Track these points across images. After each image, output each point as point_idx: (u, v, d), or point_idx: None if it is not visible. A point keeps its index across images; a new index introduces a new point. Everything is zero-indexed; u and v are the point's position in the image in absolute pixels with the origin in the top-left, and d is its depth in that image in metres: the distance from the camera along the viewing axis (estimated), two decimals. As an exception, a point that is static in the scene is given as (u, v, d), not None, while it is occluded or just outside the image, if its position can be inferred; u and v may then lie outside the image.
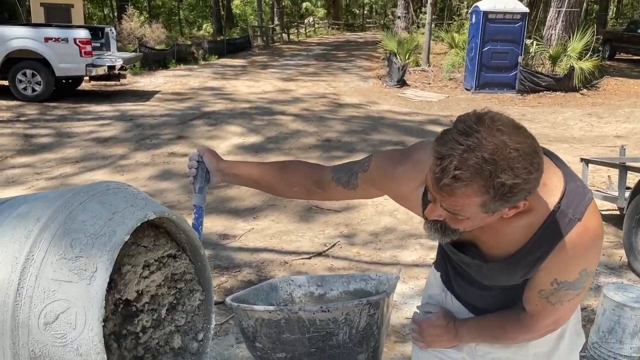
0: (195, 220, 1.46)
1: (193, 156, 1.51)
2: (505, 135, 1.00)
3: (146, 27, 19.04)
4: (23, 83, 9.87)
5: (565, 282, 1.20)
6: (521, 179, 1.00)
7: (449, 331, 1.44)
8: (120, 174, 6.03)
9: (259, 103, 10.41)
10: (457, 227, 1.14)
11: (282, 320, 1.75)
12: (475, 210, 1.06)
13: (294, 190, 1.53)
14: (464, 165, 0.99)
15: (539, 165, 1.03)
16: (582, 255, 1.18)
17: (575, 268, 1.19)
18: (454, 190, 1.02)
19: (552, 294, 1.22)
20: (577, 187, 1.18)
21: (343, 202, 5.27)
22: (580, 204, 1.16)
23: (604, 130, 9.02)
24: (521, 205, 1.09)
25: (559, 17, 14.00)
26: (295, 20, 34.65)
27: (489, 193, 1.02)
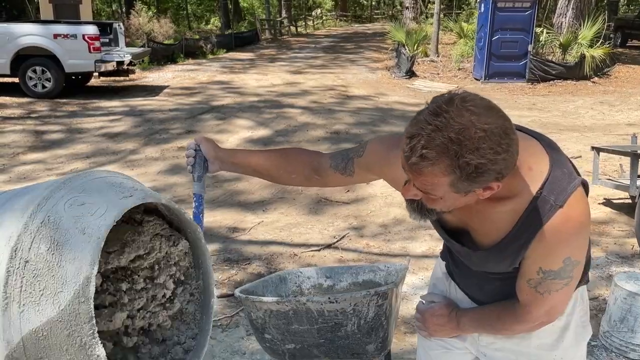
0: (196, 208, 1.47)
1: (190, 145, 1.52)
2: (474, 115, 1.01)
3: (154, 22, 19.08)
4: (33, 80, 9.95)
5: (550, 271, 1.19)
6: (486, 159, 1.00)
7: (450, 321, 1.44)
8: (130, 169, 6.07)
9: (267, 96, 10.41)
10: (433, 206, 1.15)
11: (291, 312, 1.76)
12: (445, 189, 1.07)
13: (293, 177, 1.54)
14: (430, 144, 1.00)
15: (508, 147, 1.02)
16: (564, 243, 1.16)
17: (558, 256, 1.17)
18: (421, 169, 1.04)
19: (539, 284, 1.21)
20: (563, 174, 1.16)
21: (352, 194, 5.26)
22: (563, 191, 1.14)
23: (616, 119, 8.92)
24: (494, 186, 1.07)
25: (570, 4, 13.83)
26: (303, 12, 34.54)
27: (455, 173, 1.02)
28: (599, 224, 4.52)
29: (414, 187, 1.11)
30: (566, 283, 1.21)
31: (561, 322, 1.38)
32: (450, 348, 1.52)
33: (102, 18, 25.70)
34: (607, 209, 4.85)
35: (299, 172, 1.53)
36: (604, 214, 4.76)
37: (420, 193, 1.12)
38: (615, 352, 2.75)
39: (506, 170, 1.05)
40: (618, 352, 2.74)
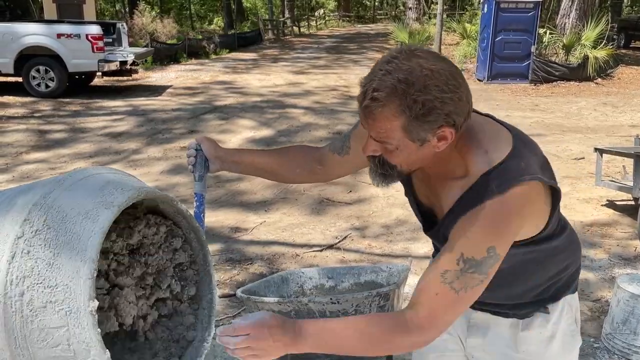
0: (197, 208, 1.48)
1: (191, 145, 1.52)
2: (422, 59, 1.06)
3: (157, 22, 19.11)
4: (37, 79, 9.97)
5: (471, 260, 1.11)
6: (433, 96, 1.04)
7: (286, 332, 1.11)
8: (133, 169, 6.08)
9: (270, 96, 10.42)
10: (392, 161, 1.15)
11: (292, 312, 1.76)
12: (400, 135, 1.09)
13: (297, 172, 1.54)
14: (381, 86, 1.05)
15: (455, 88, 1.06)
16: (490, 229, 1.11)
17: (483, 242, 1.11)
18: (374, 112, 1.07)
19: (457, 278, 1.11)
20: (518, 167, 1.13)
21: (354, 194, 5.26)
22: (509, 180, 1.11)
23: (619, 120, 8.90)
24: (447, 133, 1.09)
25: (573, 5, 13.80)
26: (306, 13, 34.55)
27: (405, 113, 1.05)
28: (602, 226, 4.51)
29: (371, 140, 1.14)
30: (482, 280, 1.13)
31: (547, 332, 1.36)
32: (443, 350, 1.50)
33: (106, 18, 25.74)
34: (610, 211, 4.84)
35: (302, 166, 1.53)
36: (607, 215, 4.75)
37: (378, 146, 1.14)
38: (618, 354, 2.74)
39: (456, 116, 1.07)
40: (620, 354, 2.73)
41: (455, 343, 1.48)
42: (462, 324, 1.45)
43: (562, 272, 1.35)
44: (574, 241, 1.39)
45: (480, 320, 1.42)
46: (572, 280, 1.39)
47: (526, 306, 1.36)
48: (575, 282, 1.40)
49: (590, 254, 3.99)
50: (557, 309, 1.36)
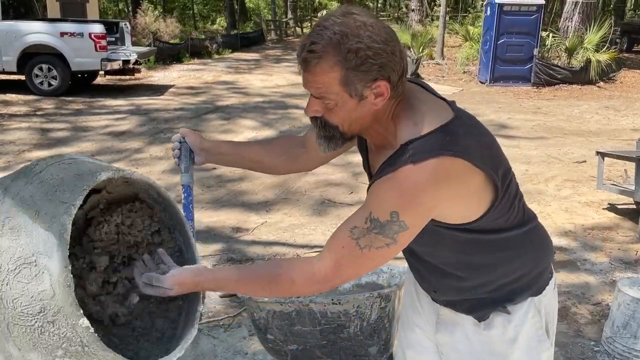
0: (185, 199, 1.49)
1: (175, 138, 1.54)
2: (355, 15, 1.12)
3: (160, 22, 19.12)
4: (39, 78, 9.98)
5: (376, 221, 1.13)
6: (365, 45, 1.08)
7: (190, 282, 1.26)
8: (135, 168, 6.09)
9: (272, 97, 10.42)
10: (333, 120, 1.17)
11: (294, 313, 1.77)
12: (337, 90, 1.12)
13: (282, 159, 1.56)
14: (317, 39, 1.10)
15: (387, 41, 1.10)
16: (396, 194, 1.12)
17: (387, 205, 1.12)
18: (311, 64, 1.11)
19: (363, 235, 1.14)
20: (441, 140, 1.12)
21: (355, 195, 5.27)
22: (426, 153, 1.10)
23: (621, 124, 8.90)
24: (382, 87, 1.11)
25: (576, 8, 13.80)
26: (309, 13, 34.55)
27: (341, 63, 1.09)
28: (603, 229, 4.51)
29: (312, 98, 1.17)
30: (388, 244, 1.14)
31: (509, 333, 1.33)
32: (421, 351, 1.51)
33: (109, 17, 25.78)
34: (611, 215, 4.84)
35: (287, 152, 1.55)
36: (608, 219, 4.75)
37: (319, 105, 1.16)
38: (618, 357, 2.74)
39: (391, 71, 1.11)
40: (620, 358, 2.73)
41: (429, 340, 1.49)
42: (431, 321, 1.46)
43: (518, 271, 1.31)
44: (537, 240, 1.35)
45: (447, 317, 1.41)
46: (536, 282, 1.35)
47: (480, 306, 1.34)
48: (542, 285, 1.35)
49: (591, 257, 3.99)
50: (520, 310, 1.33)
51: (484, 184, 1.17)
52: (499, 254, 1.29)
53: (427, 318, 1.48)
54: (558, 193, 5.34)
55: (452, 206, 1.17)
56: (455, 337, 1.39)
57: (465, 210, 1.20)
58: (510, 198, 1.24)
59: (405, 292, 1.60)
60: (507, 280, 1.32)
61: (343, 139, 1.22)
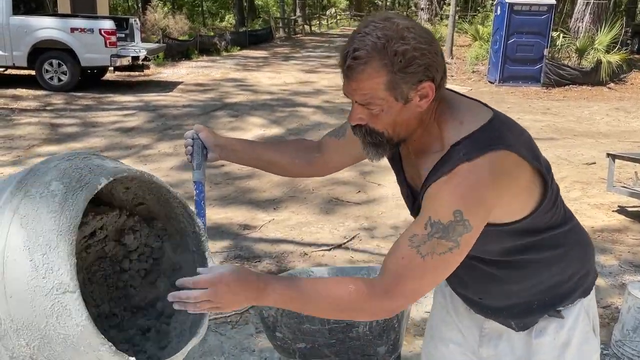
0: (197, 196, 1.47)
1: (188, 134, 1.51)
2: (395, 18, 1.11)
3: (170, 18, 19.18)
4: (49, 73, 10.03)
5: (438, 224, 1.09)
6: (411, 46, 1.07)
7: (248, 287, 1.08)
8: (144, 164, 6.11)
9: (280, 95, 10.42)
10: (378, 127, 1.16)
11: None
12: (384, 95, 1.10)
13: (296, 162, 1.53)
14: (361, 45, 1.08)
15: (431, 41, 1.10)
16: (457, 192, 1.09)
17: (449, 205, 1.09)
18: (357, 72, 1.09)
19: (424, 242, 1.09)
20: (491, 136, 1.12)
21: (363, 194, 5.26)
22: (478, 149, 1.10)
23: (631, 125, 8.83)
24: (428, 89, 1.11)
25: (587, 8, 13.70)
26: (317, 11, 34.54)
27: (387, 67, 1.08)
28: (613, 232, 4.48)
29: (357, 106, 1.15)
30: (451, 248, 1.09)
31: (562, 338, 1.31)
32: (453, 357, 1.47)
33: (119, 13, 25.87)
34: (621, 217, 4.80)
35: (301, 156, 1.53)
36: (618, 221, 4.71)
37: (364, 112, 1.15)
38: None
39: (435, 71, 1.11)
40: (630, 362, 2.71)
41: (466, 356, 1.44)
42: (474, 334, 1.42)
43: (567, 271, 1.30)
44: (582, 238, 1.35)
45: (493, 330, 1.38)
46: (583, 283, 1.33)
47: (530, 311, 1.31)
48: (589, 285, 1.35)
49: (601, 259, 3.96)
50: (572, 314, 1.31)
51: (533, 178, 1.17)
52: (547, 253, 1.27)
53: (467, 332, 1.44)
54: (567, 195, 5.31)
55: (508, 202, 1.15)
56: (499, 349, 1.36)
57: (517, 206, 1.18)
58: (554, 193, 1.23)
59: (435, 306, 1.56)
60: (557, 281, 1.29)
61: (390, 144, 1.19)
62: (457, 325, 1.46)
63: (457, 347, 1.45)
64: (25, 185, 1.04)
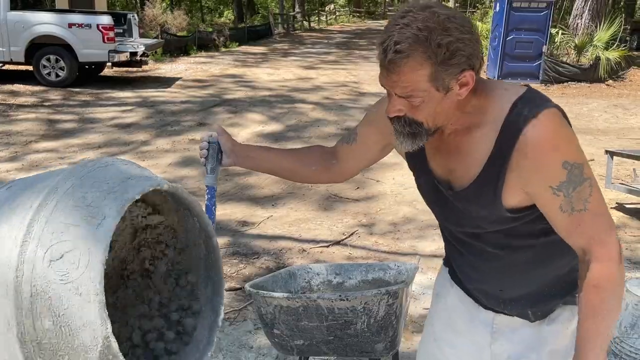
0: (208, 200, 1.46)
1: (205, 137, 1.49)
2: (434, 7, 1.08)
3: (168, 14, 19.13)
4: (47, 68, 10.00)
5: (562, 184, 1.11)
6: (455, 37, 1.06)
7: None
8: (142, 160, 6.09)
9: (279, 91, 10.41)
10: (418, 117, 1.14)
11: (301, 308, 1.76)
12: (426, 86, 1.09)
13: (313, 169, 1.51)
14: (402, 38, 1.05)
15: (472, 30, 1.09)
16: (549, 150, 1.10)
17: (555, 165, 1.11)
18: (399, 65, 1.07)
19: (571, 202, 1.12)
20: (541, 97, 1.15)
21: (362, 191, 5.25)
22: (538, 106, 1.12)
23: (630, 122, 8.83)
24: (468, 77, 1.10)
25: (586, 5, 13.68)
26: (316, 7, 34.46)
27: (431, 59, 1.06)
28: (611, 229, 4.48)
29: (396, 98, 1.13)
30: (590, 185, 1.13)
31: (572, 326, 1.30)
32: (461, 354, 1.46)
33: (117, 8, 25.78)
34: (619, 214, 4.81)
35: (318, 163, 1.51)
36: (616, 218, 4.71)
37: (403, 104, 1.13)
38: (625, 358, 2.72)
39: (475, 59, 1.10)
40: (628, 359, 2.71)
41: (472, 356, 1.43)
42: (484, 334, 1.40)
43: None
44: None
45: (504, 324, 1.37)
46: None
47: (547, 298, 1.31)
48: None
49: (599, 256, 3.96)
50: None
51: None
52: None
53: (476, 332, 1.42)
54: (566, 191, 5.31)
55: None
56: (513, 341, 1.36)
57: None
58: None
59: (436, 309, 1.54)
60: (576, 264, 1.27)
61: (427, 134, 1.18)
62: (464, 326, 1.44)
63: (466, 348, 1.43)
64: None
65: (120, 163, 1.12)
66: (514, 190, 1.17)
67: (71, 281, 0.92)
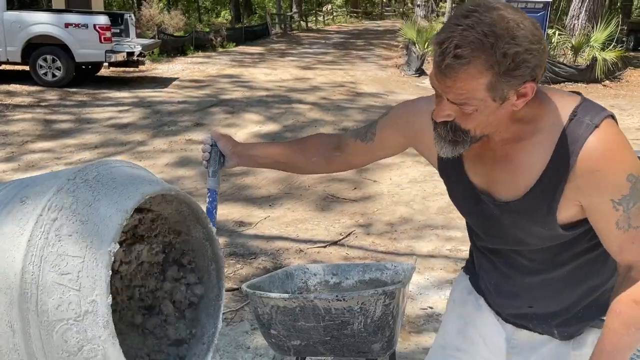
0: (210, 204, 1.46)
1: (206, 140, 1.47)
2: (502, 10, 0.98)
3: (165, 14, 19.11)
4: (43, 68, 9.98)
5: (624, 198, 1.05)
6: (523, 47, 0.96)
7: None
8: (139, 160, 6.08)
9: (276, 91, 10.40)
10: (467, 126, 1.06)
11: (298, 308, 1.76)
12: (482, 96, 1.00)
13: (313, 160, 1.47)
14: (464, 42, 0.96)
15: (540, 39, 1.00)
16: (614, 162, 1.05)
17: (619, 178, 1.04)
18: (457, 72, 0.97)
19: (629, 218, 1.06)
20: (597, 105, 1.09)
21: (359, 191, 5.25)
22: (598, 114, 1.06)
23: (626, 123, 8.86)
24: (528, 89, 1.02)
25: (583, 6, 13.73)
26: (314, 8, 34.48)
27: (493, 68, 0.97)
28: (607, 229, 4.49)
29: (447, 102, 1.04)
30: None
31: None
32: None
33: (114, 8, 25.75)
34: (615, 214, 4.82)
35: (319, 154, 1.46)
36: (613, 218, 4.73)
37: (454, 109, 1.04)
38: (621, 358, 2.72)
39: (539, 69, 1.01)
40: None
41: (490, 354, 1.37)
42: (500, 348, 1.35)
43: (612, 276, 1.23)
44: None
45: (525, 341, 1.31)
46: None
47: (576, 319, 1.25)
48: None
49: (595, 257, 3.97)
50: None
51: None
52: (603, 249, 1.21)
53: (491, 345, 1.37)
54: (562, 192, 5.32)
55: None
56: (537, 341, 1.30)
57: None
58: None
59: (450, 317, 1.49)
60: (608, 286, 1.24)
61: (470, 142, 1.10)
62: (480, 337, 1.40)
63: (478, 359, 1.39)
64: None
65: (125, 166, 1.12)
66: (570, 203, 1.10)
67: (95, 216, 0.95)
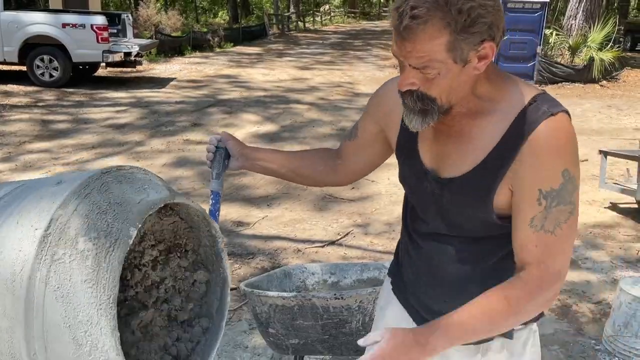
0: (212, 206, 1.44)
1: (212, 140, 1.43)
2: None
3: (162, 14, 19.08)
4: (41, 69, 9.96)
5: (552, 192, 1.05)
6: (477, 2, 0.98)
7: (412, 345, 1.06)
8: (136, 161, 6.08)
9: (274, 91, 10.40)
10: (432, 93, 1.06)
11: (296, 307, 1.76)
12: (443, 57, 1.01)
13: (320, 169, 1.46)
14: (419, 2, 0.98)
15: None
16: (557, 152, 1.05)
17: (555, 169, 1.04)
18: (415, 32, 0.99)
19: (545, 218, 1.05)
20: (556, 99, 1.10)
21: (357, 191, 5.25)
22: (557, 106, 1.08)
23: (623, 123, 8.88)
24: (488, 49, 1.02)
25: (580, 6, 13.75)
26: (311, 8, 34.47)
27: (450, 26, 0.98)
28: (605, 228, 4.50)
29: (410, 69, 1.05)
30: (571, 211, 1.06)
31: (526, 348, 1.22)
32: None
33: (111, 8, 25.71)
34: (612, 213, 4.83)
35: (325, 163, 1.46)
36: (610, 218, 4.74)
37: (417, 77, 1.05)
38: (619, 356, 2.73)
39: (496, 29, 1.02)
40: (621, 357, 2.72)
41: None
42: None
43: None
44: None
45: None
46: None
47: None
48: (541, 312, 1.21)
49: (593, 255, 3.98)
50: (521, 338, 1.22)
51: None
52: None
53: None
54: (560, 191, 5.33)
55: None
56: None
57: None
58: None
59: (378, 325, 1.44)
60: None
61: (438, 112, 1.09)
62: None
63: None
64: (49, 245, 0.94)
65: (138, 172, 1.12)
66: (506, 186, 1.10)
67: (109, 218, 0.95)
